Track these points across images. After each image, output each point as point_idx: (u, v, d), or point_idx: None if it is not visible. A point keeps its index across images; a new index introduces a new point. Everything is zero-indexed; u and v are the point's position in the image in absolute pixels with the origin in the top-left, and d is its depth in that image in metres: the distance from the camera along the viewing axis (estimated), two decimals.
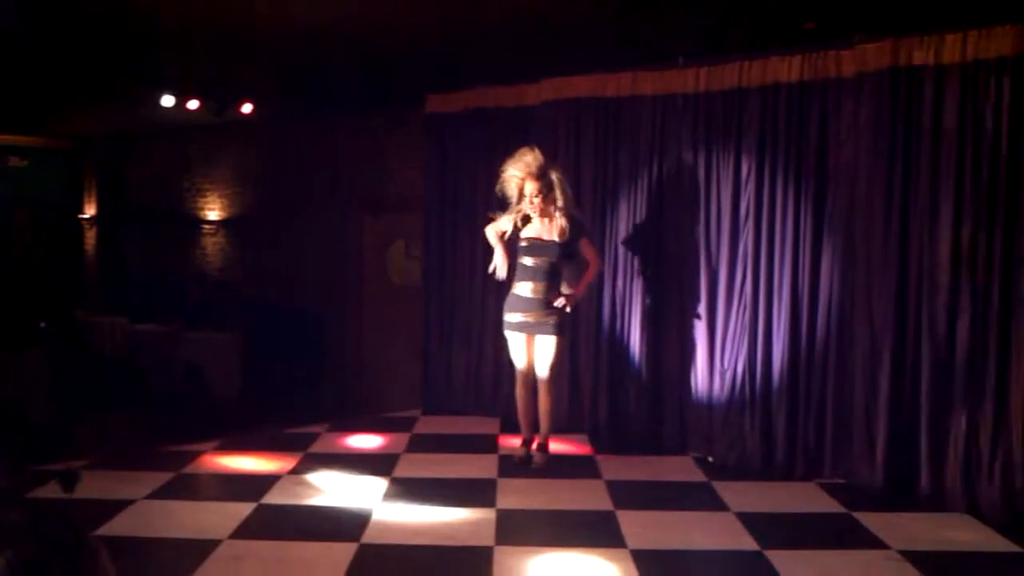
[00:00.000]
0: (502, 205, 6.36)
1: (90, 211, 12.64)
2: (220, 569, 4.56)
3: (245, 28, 6.51)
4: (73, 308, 9.49)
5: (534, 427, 6.39)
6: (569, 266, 6.27)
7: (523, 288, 6.17)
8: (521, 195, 6.11)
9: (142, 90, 8.59)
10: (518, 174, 6.07)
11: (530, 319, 6.15)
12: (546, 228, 6.15)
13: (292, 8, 6.09)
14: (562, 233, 6.09)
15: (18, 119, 10.52)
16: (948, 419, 5.53)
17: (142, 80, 8.32)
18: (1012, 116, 5.30)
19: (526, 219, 6.18)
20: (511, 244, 6.26)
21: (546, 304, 6.11)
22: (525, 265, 6.17)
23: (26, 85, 8.32)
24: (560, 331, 6.20)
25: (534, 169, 6.02)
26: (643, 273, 6.96)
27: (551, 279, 6.16)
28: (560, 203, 6.08)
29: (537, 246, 6.14)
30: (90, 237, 12.65)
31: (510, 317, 6.25)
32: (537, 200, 6.05)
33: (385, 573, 4.62)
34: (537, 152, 6.07)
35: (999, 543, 5.00)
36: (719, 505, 5.61)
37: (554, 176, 6.09)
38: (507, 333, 6.32)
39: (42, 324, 7.82)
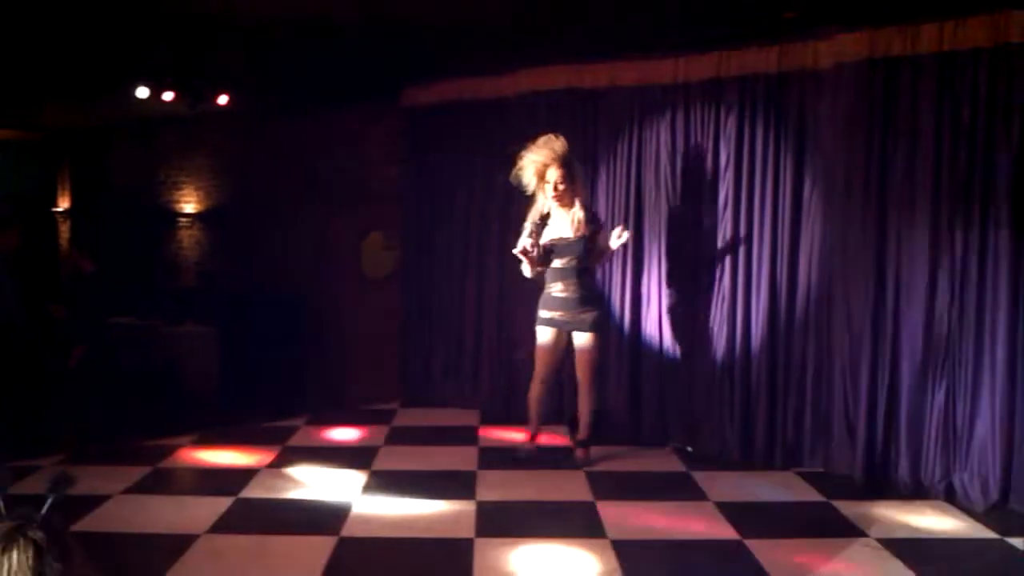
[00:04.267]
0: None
1: (64, 204, 12.50)
2: (198, 564, 4.53)
3: (222, 16, 6.44)
4: (47, 303, 9.38)
5: (542, 422, 6.37)
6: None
7: (555, 288, 6.01)
8: (540, 181, 5.93)
9: (117, 81, 8.48)
10: (540, 159, 5.87)
11: (564, 316, 6.01)
12: (566, 224, 5.97)
13: None
14: (580, 226, 5.93)
15: None
16: (926, 407, 5.58)
17: (117, 71, 8.22)
18: (987, 106, 5.34)
19: (544, 220, 6.02)
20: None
21: (580, 301, 5.97)
22: (554, 267, 6.00)
23: None
24: (597, 328, 6.05)
25: (560, 155, 5.85)
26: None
27: (581, 276, 5.99)
28: (581, 195, 6.01)
29: (561, 247, 5.95)
30: (64, 230, 12.52)
31: (543, 313, 6.09)
32: (562, 187, 5.88)
33: (365, 566, 4.60)
34: (563, 139, 5.91)
35: (976, 529, 5.05)
36: (699, 495, 5.63)
37: (578, 165, 5.99)
38: (537, 328, 6.16)
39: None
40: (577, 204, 5.98)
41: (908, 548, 4.72)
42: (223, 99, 8.95)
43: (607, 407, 7.05)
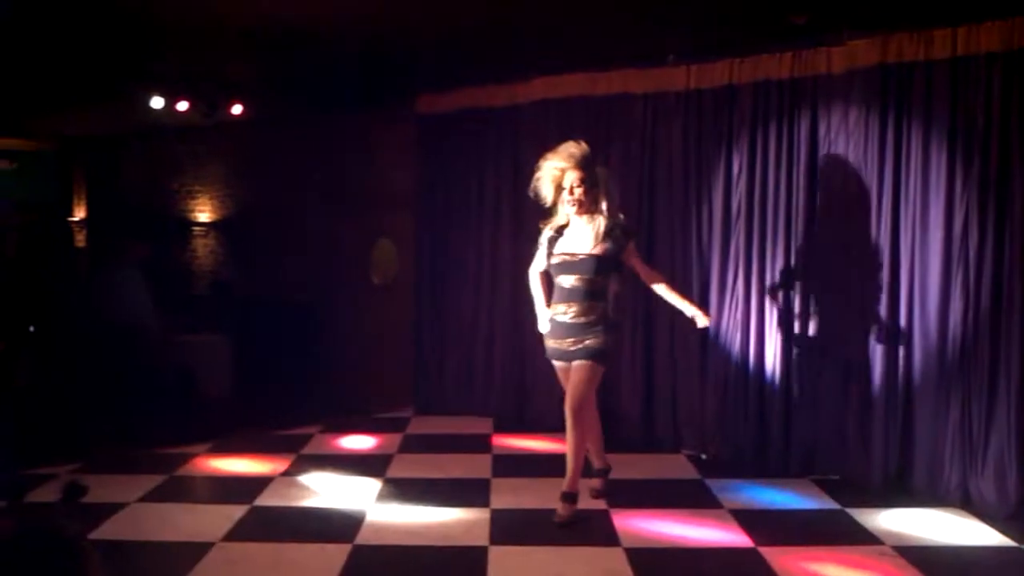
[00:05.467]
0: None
1: (80, 214, 12.58)
2: (213, 572, 4.54)
3: (236, 24, 6.47)
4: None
5: (600, 458, 5.70)
6: (618, 280, 5.36)
7: (559, 311, 5.24)
8: (558, 191, 5.26)
9: (131, 91, 8.54)
10: (560, 164, 5.20)
11: (562, 346, 5.24)
12: (583, 237, 5.21)
13: (285, 4, 6.04)
14: (598, 241, 5.16)
15: (5, 121, 10.46)
16: (942, 414, 5.54)
17: (131, 81, 8.27)
18: (1001, 111, 5.32)
19: (558, 232, 5.32)
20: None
21: (584, 328, 5.14)
22: (561, 286, 5.24)
23: (13, 86, 8.26)
24: (593, 356, 5.15)
25: (578, 158, 5.16)
26: None
27: (592, 299, 5.16)
28: (604, 205, 5.22)
29: (568, 264, 5.19)
30: (80, 240, 12.60)
31: (547, 342, 5.37)
32: (578, 191, 5.14)
33: (379, 574, 4.59)
34: (583, 144, 5.23)
35: (994, 537, 5.01)
36: (713, 502, 5.62)
37: (600, 171, 5.28)
38: (551, 361, 5.47)
39: (31, 328, 7.77)
40: (600, 216, 5.22)
41: (924, 556, 4.69)
42: (237, 108, 9.00)
43: (620, 413, 7.04)
